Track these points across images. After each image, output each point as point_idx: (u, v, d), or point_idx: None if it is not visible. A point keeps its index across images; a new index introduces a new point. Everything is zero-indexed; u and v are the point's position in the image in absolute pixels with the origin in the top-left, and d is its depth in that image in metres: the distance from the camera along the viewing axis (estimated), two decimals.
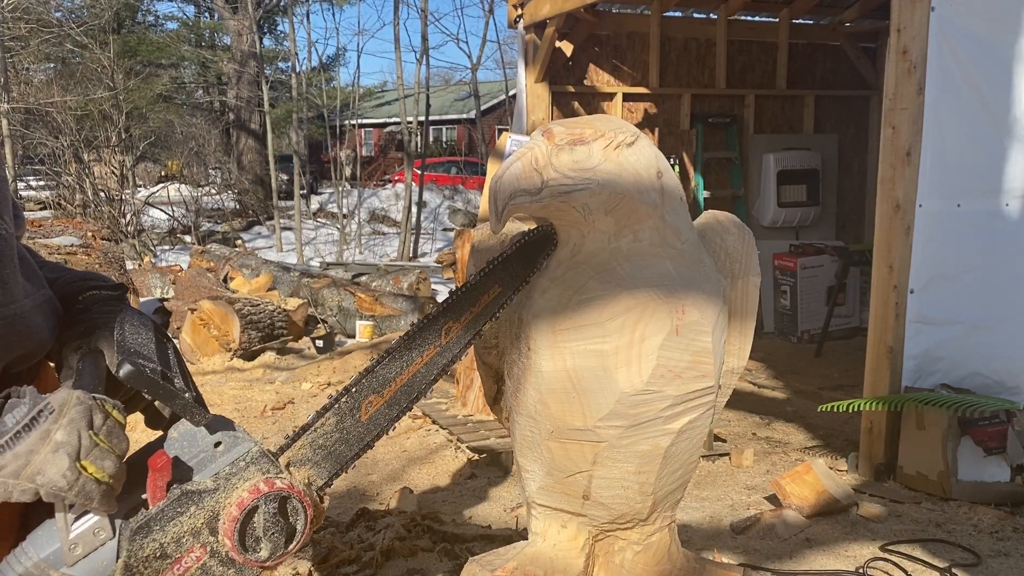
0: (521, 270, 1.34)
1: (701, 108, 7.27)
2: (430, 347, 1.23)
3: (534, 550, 1.45)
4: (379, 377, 1.19)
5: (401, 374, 1.21)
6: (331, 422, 1.15)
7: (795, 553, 2.85)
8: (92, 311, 1.22)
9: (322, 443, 1.15)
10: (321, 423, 1.15)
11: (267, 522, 1.04)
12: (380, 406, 1.19)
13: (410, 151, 16.98)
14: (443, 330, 1.25)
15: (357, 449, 1.18)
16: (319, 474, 1.14)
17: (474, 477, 3.80)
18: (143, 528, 0.99)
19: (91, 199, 12.91)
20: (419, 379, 1.23)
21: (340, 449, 1.16)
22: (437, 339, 1.24)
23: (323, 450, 1.15)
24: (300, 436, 1.14)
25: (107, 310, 1.21)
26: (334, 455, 1.16)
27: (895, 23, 3.51)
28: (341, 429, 1.16)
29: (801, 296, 6.78)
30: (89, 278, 1.31)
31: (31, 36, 13.22)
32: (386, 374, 1.20)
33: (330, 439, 1.15)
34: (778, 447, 4.30)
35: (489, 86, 26.69)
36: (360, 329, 7.19)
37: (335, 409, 1.16)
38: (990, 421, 3.31)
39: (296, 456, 1.13)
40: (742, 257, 1.45)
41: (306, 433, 1.14)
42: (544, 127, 1.30)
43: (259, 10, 18.03)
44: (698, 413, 1.36)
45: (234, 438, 1.06)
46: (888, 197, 3.57)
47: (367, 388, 1.18)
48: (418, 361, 1.22)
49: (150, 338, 1.13)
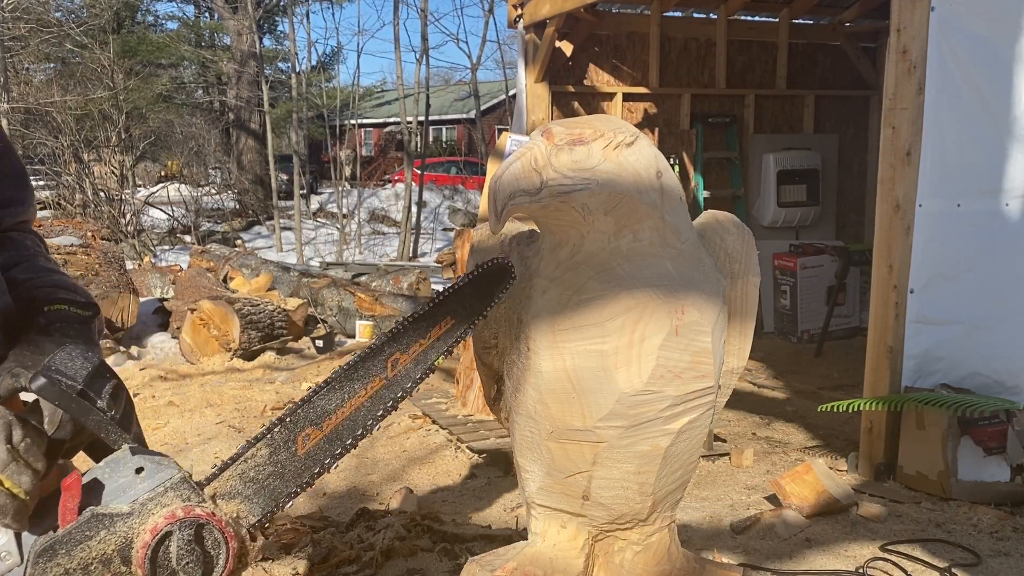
0: (476, 303, 1.27)
1: (701, 108, 7.27)
2: (375, 379, 1.15)
3: (534, 550, 1.45)
4: (316, 408, 1.11)
5: (342, 406, 1.12)
6: (263, 453, 1.07)
7: (795, 553, 2.85)
8: (52, 333, 1.14)
9: (253, 476, 1.07)
10: (251, 454, 1.07)
11: (181, 550, 0.97)
12: (319, 440, 1.10)
13: (410, 151, 16.98)
14: (388, 362, 1.17)
15: (294, 487, 1.08)
16: (251, 510, 1.06)
17: (474, 477, 3.80)
18: (48, 551, 0.92)
19: (91, 199, 12.91)
20: (363, 414, 1.13)
21: (274, 484, 1.07)
22: (383, 371, 1.16)
23: (254, 484, 1.07)
24: (228, 466, 1.07)
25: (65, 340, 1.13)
26: (267, 490, 1.07)
27: (895, 23, 3.51)
28: (275, 462, 1.08)
29: (801, 296, 6.78)
30: (62, 287, 1.23)
31: (31, 36, 13.23)
32: (325, 405, 1.11)
33: (262, 472, 1.07)
34: (778, 447, 4.30)
35: (489, 86, 26.68)
36: (360, 329, 7.18)
37: (267, 440, 1.08)
38: (990, 421, 3.31)
39: (224, 488, 1.05)
40: (742, 257, 1.45)
41: (235, 463, 1.07)
42: (544, 127, 1.29)
43: (259, 10, 18.02)
44: (698, 413, 1.36)
45: (157, 464, 1.00)
46: (888, 197, 3.57)
47: (303, 419, 1.10)
48: (361, 394, 1.14)
49: (85, 368, 1.06)
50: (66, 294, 1.22)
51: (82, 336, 1.18)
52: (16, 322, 1.15)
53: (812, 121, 7.59)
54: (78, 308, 1.21)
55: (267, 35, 23.58)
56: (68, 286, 1.24)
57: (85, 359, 1.09)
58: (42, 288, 1.21)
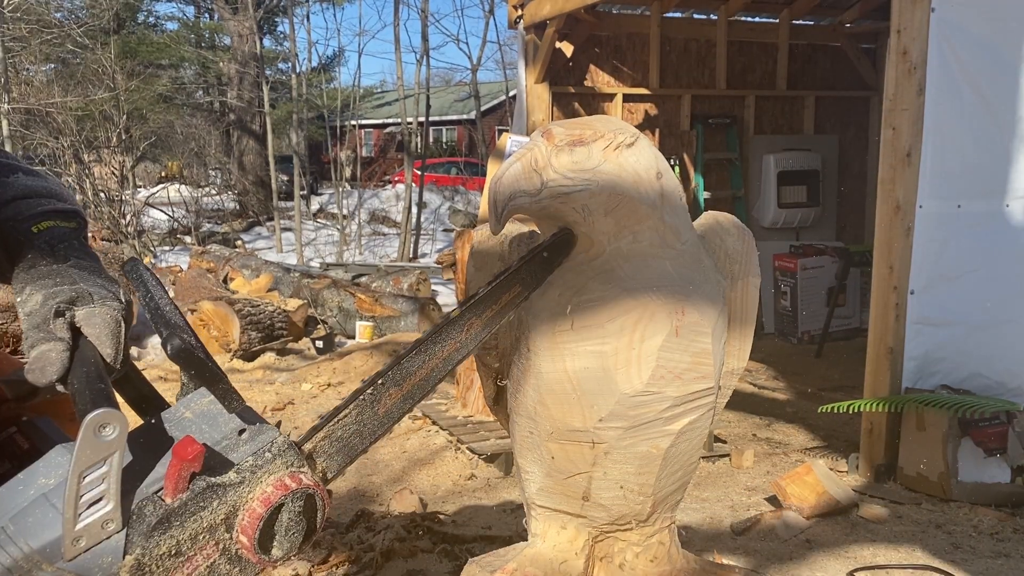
0: (540, 272, 1.33)
1: (701, 109, 7.27)
2: (451, 342, 1.20)
3: (534, 551, 1.45)
4: (403, 370, 1.15)
5: (422, 367, 1.17)
6: (353, 414, 1.10)
7: (795, 554, 2.84)
8: (57, 254, 1.11)
9: (340, 435, 1.09)
10: (345, 414, 1.10)
11: (290, 520, 0.97)
12: (397, 399, 1.15)
13: (410, 152, 16.98)
14: (466, 326, 1.22)
15: (368, 442, 1.13)
16: (330, 466, 1.08)
17: (474, 478, 3.80)
18: (163, 523, 0.90)
19: (91, 200, 12.90)
20: (435, 374, 1.19)
21: (354, 442, 1.11)
22: (459, 334, 1.22)
23: (339, 442, 1.09)
24: (323, 426, 1.08)
25: (75, 256, 1.11)
26: (348, 447, 1.10)
27: (895, 24, 3.51)
28: (360, 421, 1.11)
29: (801, 297, 6.78)
30: (43, 195, 1.18)
31: (32, 36, 13.23)
32: (409, 367, 1.16)
33: (348, 431, 1.10)
34: (778, 448, 4.30)
35: (489, 87, 26.70)
36: (360, 330, 7.18)
37: (359, 401, 1.11)
38: (990, 422, 3.31)
39: (315, 448, 1.07)
40: (742, 258, 1.45)
41: (329, 424, 1.09)
42: (544, 128, 1.29)
43: (259, 11, 18.03)
44: (698, 414, 1.36)
45: (258, 426, 0.99)
46: (888, 198, 3.57)
47: (391, 381, 1.14)
48: (439, 355, 1.19)
49: (170, 301, 1.06)
50: (50, 204, 1.17)
51: (86, 253, 1.15)
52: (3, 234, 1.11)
53: (812, 122, 7.59)
54: (64, 220, 1.17)
55: (267, 36, 23.61)
56: (48, 193, 1.19)
57: (160, 286, 1.07)
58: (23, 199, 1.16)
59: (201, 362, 0.94)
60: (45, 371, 0.98)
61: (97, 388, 0.94)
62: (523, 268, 1.30)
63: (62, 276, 1.06)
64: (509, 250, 1.49)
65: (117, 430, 0.86)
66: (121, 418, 0.86)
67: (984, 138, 3.46)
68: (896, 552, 2.84)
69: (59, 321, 1.01)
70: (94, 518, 0.87)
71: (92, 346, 1.02)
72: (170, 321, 0.99)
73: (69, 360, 1.00)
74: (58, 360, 0.99)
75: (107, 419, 0.85)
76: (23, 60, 14.57)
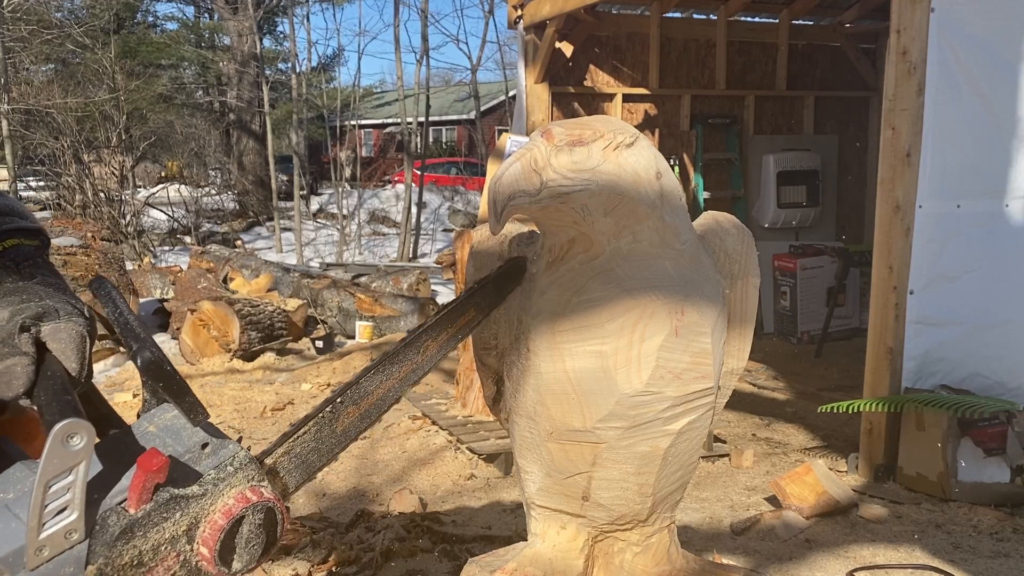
0: (494, 297, 1.39)
1: (701, 109, 7.27)
2: (407, 363, 1.25)
3: (533, 551, 1.45)
4: (361, 389, 1.18)
5: (379, 387, 1.20)
6: (312, 431, 1.13)
7: (795, 554, 2.84)
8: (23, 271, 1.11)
9: (298, 451, 1.11)
10: (303, 432, 1.12)
11: (250, 532, 0.98)
12: (355, 417, 1.18)
13: (410, 152, 16.98)
14: (422, 348, 1.27)
15: (326, 459, 1.15)
16: (289, 482, 1.10)
17: (474, 478, 3.80)
18: (126, 533, 0.91)
19: (91, 200, 12.90)
20: (392, 393, 1.23)
21: (312, 459, 1.13)
22: (416, 356, 1.26)
23: (298, 459, 1.11)
24: (282, 443, 1.10)
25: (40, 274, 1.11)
26: (306, 464, 1.12)
27: (895, 24, 3.51)
28: (318, 439, 1.13)
29: (801, 297, 6.78)
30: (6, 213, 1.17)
31: (32, 36, 13.23)
32: (367, 387, 1.19)
33: (307, 448, 1.12)
34: (778, 448, 4.30)
35: (489, 87, 26.69)
36: (360, 330, 7.18)
37: (318, 419, 1.13)
38: (990, 422, 3.31)
39: (276, 463, 1.09)
40: (741, 258, 1.45)
41: (288, 440, 1.11)
42: (543, 128, 1.29)
43: (259, 11, 18.02)
44: (698, 414, 1.36)
45: (221, 440, 1.00)
46: (888, 198, 3.57)
47: (349, 400, 1.17)
48: (395, 376, 1.23)
49: (136, 317, 1.06)
50: (15, 222, 1.17)
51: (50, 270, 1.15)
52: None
53: (812, 122, 7.60)
54: (28, 237, 1.17)
55: (267, 36, 23.60)
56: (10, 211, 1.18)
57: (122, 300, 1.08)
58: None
59: (169, 375, 0.95)
60: (11, 385, 0.99)
61: (64, 400, 0.95)
62: (477, 293, 1.36)
63: (28, 293, 1.07)
64: (509, 250, 1.49)
65: (84, 440, 0.86)
66: (88, 428, 0.87)
67: (984, 138, 3.46)
68: (896, 552, 2.84)
69: (24, 336, 1.01)
70: (58, 527, 0.87)
71: (57, 360, 1.03)
72: (139, 335, 0.99)
73: (35, 374, 1.00)
74: (23, 374, 0.99)
75: (75, 429, 0.86)
76: (23, 60, 14.56)
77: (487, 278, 1.39)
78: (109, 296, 1.10)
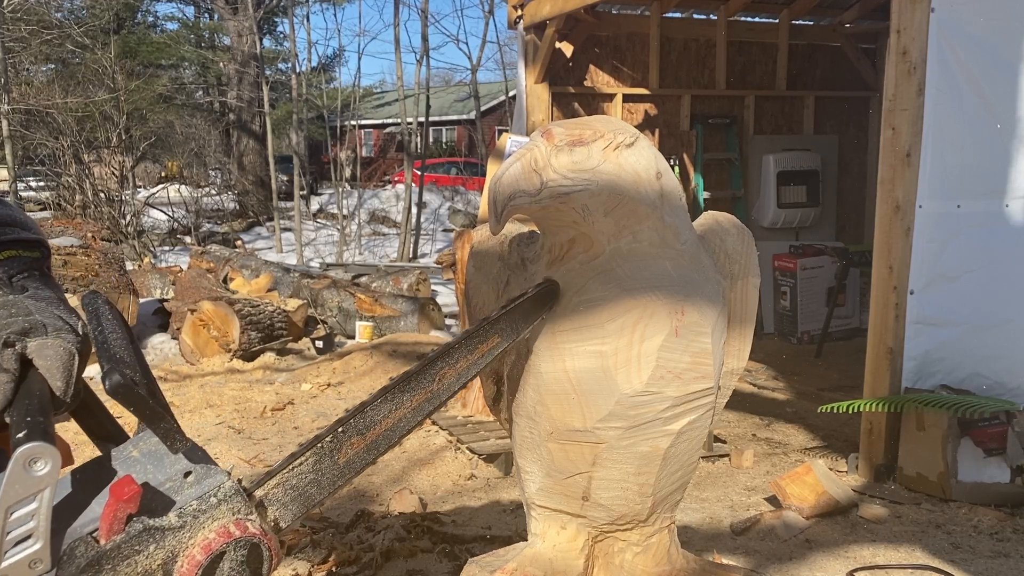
0: (521, 322, 1.29)
1: (701, 109, 7.27)
2: (421, 392, 1.16)
3: (533, 551, 1.45)
4: (367, 419, 1.10)
5: (388, 417, 1.12)
6: (309, 462, 1.05)
7: (795, 554, 2.84)
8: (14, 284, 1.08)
9: (295, 483, 1.04)
10: (299, 462, 1.05)
11: (232, 571, 0.92)
12: (360, 449, 1.09)
13: (410, 152, 16.98)
14: (437, 376, 1.18)
15: (326, 492, 1.07)
16: (284, 516, 1.03)
17: (474, 478, 3.80)
18: (93, 565, 0.86)
19: (91, 200, 12.90)
20: (402, 424, 1.14)
21: (311, 491, 1.06)
22: (430, 384, 1.17)
23: (294, 491, 1.04)
24: (276, 474, 1.04)
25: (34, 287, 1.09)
26: (304, 497, 1.05)
27: (895, 24, 3.51)
28: (317, 471, 1.06)
29: (801, 297, 6.79)
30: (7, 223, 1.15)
31: (32, 37, 13.23)
32: (374, 416, 1.11)
33: (303, 480, 1.05)
34: (778, 448, 4.30)
35: (489, 87, 26.69)
36: (360, 330, 7.18)
37: (315, 449, 1.06)
38: (990, 422, 3.31)
39: (267, 495, 1.02)
40: (742, 258, 1.45)
41: (282, 472, 1.04)
42: (544, 128, 1.29)
43: (259, 11, 18.02)
44: (698, 414, 1.36)
45: (206, 469, 0.94)
46: (888, 198, 3.57)
47: (352, 430, 1.09)
48: (407, 405, 1.14)
49: (124, 336, 1.02)
50: (13, 233, 1.14)
51: (46, 283, 1.12)
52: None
53: (812, 122, 7.60)
54: (27, 249, 1.14)
55: (267, 36, 23.61)
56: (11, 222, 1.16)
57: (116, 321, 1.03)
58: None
59: (141, 399, 0.89)
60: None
61: (35, 421, 0.90)
62: (503, 318, 1.26)
63: (16, 307, 1.03)
64: (509, 250, 1.49)
65: (49, 465, 0.82)
66: (54, 453, 0.82)
67: (984, 138, 3.46)
68: (896, 552, 2.84)
69: (7, 352, 0.98)
70: (20, 557, 0.83)
71: (42, 378, 0.98)
72: (114, 356, 0.95)
73: (13, 392, 0.96)
74: (1, 390, 0.95)
75: (39, 453, 0.82)
76: (23, 60, 14.56)
77: (515, 301, 1.29)
78: (96, 313, 1.06)
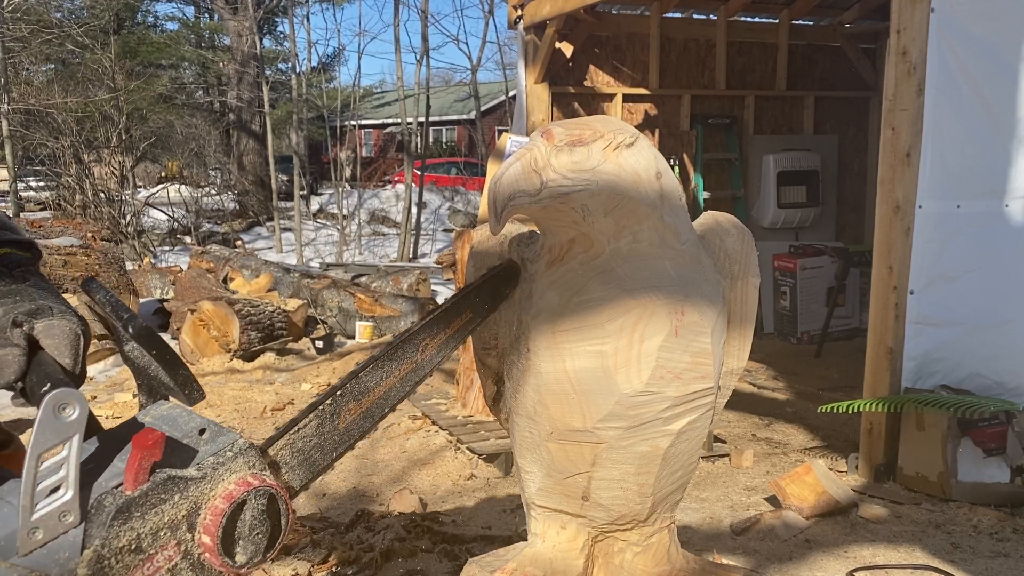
0: (489, 300, 1.39)
1: (701, 109, 7.27)
2: (407, 361, 1.23)
3: (533, 551, 1.45)
4: (362, 384, 1.16)
5: (380, 385, 1.18)
6: (312, 425, 1.10)
7: (795, 554, 2.85)
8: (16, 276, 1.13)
9: (300, 447, 1.08)
10: (304, 424, 1.09)
11: (254, 520, 0.95)
12: (357, 416, 1.15)
13: (410, 152, 16.98)
14: (420, 346, 1.25)
15: (330, 459, 1.12)
16: (293, 479, 1.07)
17: (474, 478, 3.80)
18: (123, 512, 0.86)
19: (91, 200, 12.91)
20: (393, 393, 1.21)
21: (315, 456, 1.10)
22: (415, 354, 1.24)
23: (300, 454, 1.08)
24: (285, 433, 1.07)
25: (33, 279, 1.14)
26: (309, 461, 1.09)
27: (895, 24, 3.52)
28: (320, 434, 1.10)
29: (801, 297, 6.79)
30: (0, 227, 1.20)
31: (32, 36, 13.23)
32: (368, 382, 1.17)
33: (308, 443, 1.09)
34: (778, 448, 4.30)
35: (489, 87, 26.69)
36: (360, 330, 7.19)
37: (318, 412, 1.10)
38: (990, 422, 3.31)
39: (278, 456, 1.06)
40: (741, 258, 1.45)
41: (288, 433, 1.08)
42: (543, 128, 1.30)
43: (259, 11, 18.01)
44: (698, 414, 1.36)
45: (218, 427, 0.97)
46: (888, 198, 3.57)
47: (349, 394, 1.14)
48: (396, 374, 1.21)
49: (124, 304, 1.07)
50: (7, 234, 1.19)
51: (42, 278, 1.18)
52: None
53: (812, 122, 7.60)
54: (20, 249, 1.19)
55: (267, 36, 23.60)
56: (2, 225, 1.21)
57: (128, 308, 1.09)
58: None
59: (162, 343, 0.93)
60: (3, 372, 1.00)
61: (57, 378, 0.94)
62: (471, 294, 1.35)
63: (22, 294, 1.09)
64: (509, 250, 1.49)
65: (77, 410, 0.83)
66: (81, 399, 0.84)
67: (984, 138, 3.46)
68: (896, 552, 2.84)
69: (16, 331, 1.03)
70: (52, 508, 0.83)
71: (50, 357, 1.03)
72: (129, 310, 0.99)
73: (26, 364, 1.00)
74: (15, 362, 1.00)
75: (67, 399, 0.83)
76: (23, 60, 14.56)
77: (479, 280, 1.39)
78: (99, 287, 1.10)
